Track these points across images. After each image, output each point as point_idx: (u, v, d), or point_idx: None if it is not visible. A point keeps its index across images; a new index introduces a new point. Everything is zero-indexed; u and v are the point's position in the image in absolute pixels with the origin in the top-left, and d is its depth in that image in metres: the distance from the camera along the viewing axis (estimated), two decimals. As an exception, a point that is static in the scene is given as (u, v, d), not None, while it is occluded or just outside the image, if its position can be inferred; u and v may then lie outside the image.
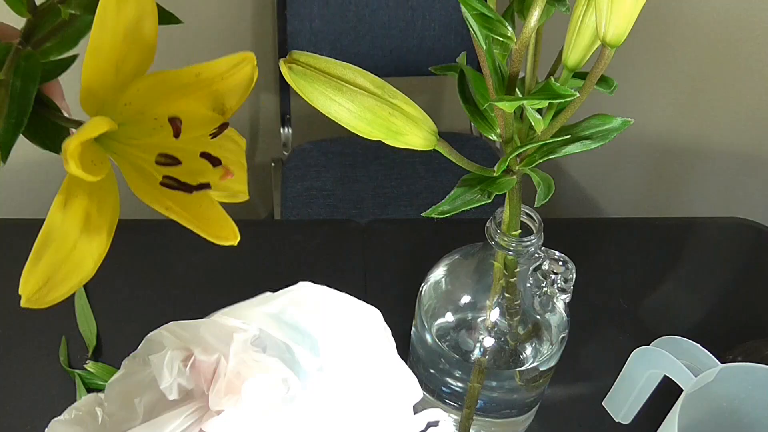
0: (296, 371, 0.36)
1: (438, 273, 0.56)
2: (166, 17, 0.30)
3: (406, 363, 0.62)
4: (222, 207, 0.34)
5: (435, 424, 0.38)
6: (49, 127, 0.30)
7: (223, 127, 0.32)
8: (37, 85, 0.28)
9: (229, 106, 0.33)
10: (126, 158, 0.30)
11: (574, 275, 0.51)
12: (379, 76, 0.37)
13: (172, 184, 0.31)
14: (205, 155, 0.32)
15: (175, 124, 0.30)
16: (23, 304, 0.26)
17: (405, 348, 0.61)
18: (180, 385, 0.35)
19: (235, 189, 0.34)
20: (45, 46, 0.30)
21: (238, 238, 0.32)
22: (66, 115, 0.31)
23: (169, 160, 0.31)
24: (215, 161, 0.32)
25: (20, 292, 0.26)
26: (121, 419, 0.36)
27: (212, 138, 0.32)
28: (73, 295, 0.50)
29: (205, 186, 0.31)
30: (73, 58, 0.32)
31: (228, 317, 0.36)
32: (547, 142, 0.40)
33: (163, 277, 0.73)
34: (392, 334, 0.42)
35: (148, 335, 0.37)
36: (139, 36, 0.27)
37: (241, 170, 0.35)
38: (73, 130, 0.29)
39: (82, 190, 0.27)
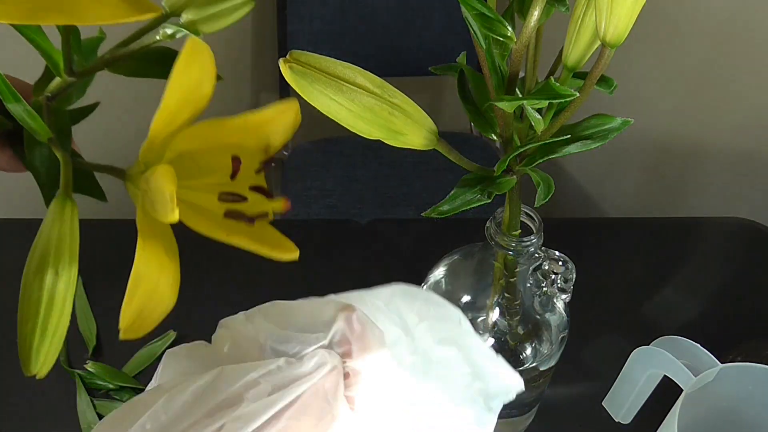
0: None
1: (438, 273, 0.56)
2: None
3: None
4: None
5: None
6: (78, 173, 0.34)
7: (270, 162, 0.36)
8: (71, 136, 0.33)
9: (274, 145, 0.36)
10: (183, 203, 0.33)
11: (574, 275, 0.51)
12: (379, 76, 0.37)
13: (236, 215, 0.34)
14: (255, 188, 0.36)
15: (236, 164, 0.34)
16: (122, 336, 0.30)
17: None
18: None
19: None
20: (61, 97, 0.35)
21: (298, 251, 0.35)
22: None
23: (234, 197, 0.34)
24: (267, 194, 0.36)
25: (120, 326, 0.30)
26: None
27: (257, 173, 0.36)
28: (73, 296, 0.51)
29: (264, 215, 0.35)
30: (96, 104, 0.37)
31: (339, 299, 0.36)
32: (547, 142, 0.40)
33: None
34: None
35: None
36: (199, 93, 0.31)
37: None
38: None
39: (153, 231, 0.31)
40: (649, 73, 1.36)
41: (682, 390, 0.51)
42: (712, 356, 0.53)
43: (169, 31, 0.34)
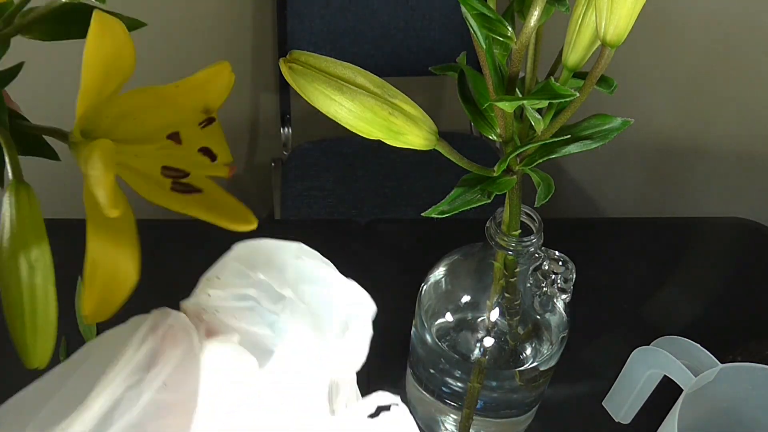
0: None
1: (438, 273, 0.56)
2: (132, 24, 0.32)
3: (407, 363, 0.62)
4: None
5: (386, 408, 0.36)
6: (15, 134, 0.32)
7: (211, 120, 0.34)
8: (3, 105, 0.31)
9: (213, 107, 0.35)
10: (130, 171, 0.32)
11: (574, 275, 0.51)
12: (379, 76, 0.37)
13: (182, 189, 0.33)
14: (202, 150, 0.34)
15: (175, 138, 0.33)
16: (88, 321, 0.30)
17: (405, 348, 0.61)
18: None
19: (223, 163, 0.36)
20: None
21: (256, 221, 0.34)
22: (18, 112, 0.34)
23: (175, 173, 0.33)
24: (213, 156, 0.34)
25: (84, 313, 0.30)
26: None
27: (202, 128, 0.34)
28: (73, 295, 0.51)
29: (212, 184, 0.34)
30: (20, 66, 0.34)
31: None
32: (547, 142, 0.40)
33: (163, 277, 0.73)
34: (392, 335, 0.42)
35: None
36: (120, 63, 0.30)
37: (222, 145, 0.37)
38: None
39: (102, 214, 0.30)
40: (649, 73, 1.36)
41: (682, 390, 0.51)
42: (712, 356, 0.53)
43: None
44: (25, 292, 0.31)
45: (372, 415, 0.35)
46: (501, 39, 0.38)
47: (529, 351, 0.55)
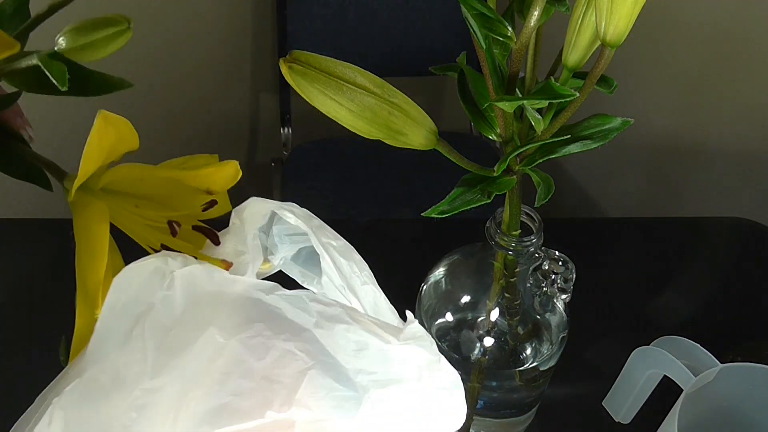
0: None
1: (438, 273, 0.56)
2: (117, 84, 0.33)
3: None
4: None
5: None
6: (14, 157, 0.33)
7: (213, 203, 0.36)
8: None
9: (215, 190, 0.36)
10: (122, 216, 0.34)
11: (574, 275, 0.51)
12: (379, 76, 0.37)
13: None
14: (197, 228, 0.36)
15: (173, 226, 0.35)
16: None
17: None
18: None
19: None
20: None
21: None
22: (30, 133, 0.35)
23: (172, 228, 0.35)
24: (211, 235, 0.36)
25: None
26: None
27: (204, 211, 0.36)
28: (72, 295, 0.51)
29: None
30: (18, 94, 0.34)
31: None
32: (547, 142, 0.40)
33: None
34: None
35: None
36: (121, 146, 0.31)
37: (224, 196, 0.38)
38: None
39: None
40: (649, 73, 1.36)
41: (682, 390, 0.51)
42: (712, 356, 0.53)
43: (35, 62, 0.32)
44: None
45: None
46: (501, 39, 0.38)
47: (529, 351, 0.55)
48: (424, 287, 0.56)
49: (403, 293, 0.65)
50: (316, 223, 0.38)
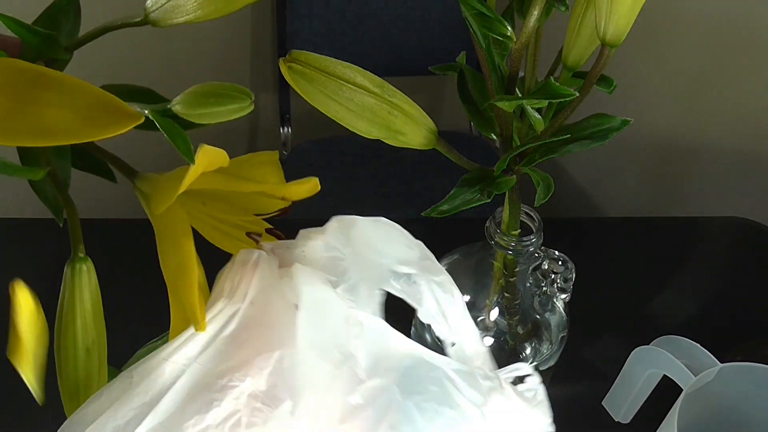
0: None
1: (438, 273, 0.56)
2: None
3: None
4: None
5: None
6: (79, 151, 0.33)
7: (287, 210, 0.39)
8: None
9: (292, 198, 0.39)
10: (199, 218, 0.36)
11: (574, 275, 0.51)
12: (379, 76, 0.37)
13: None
14: (271, 232, 0.39)
15: (253, 237, 0.37)
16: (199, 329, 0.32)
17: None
18: None
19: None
20: None
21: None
22: None
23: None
24: (279, 236, 0.39)
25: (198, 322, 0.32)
26: None
27: (278, 217, 0.38)
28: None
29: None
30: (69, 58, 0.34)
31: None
32: (547, 141, 0.40)
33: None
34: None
35: None
36: (216, 165, 0.32)
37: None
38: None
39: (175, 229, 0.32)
40: (649, 73, 1.36)
41: (682, 390, 0.51)
42: (712, 356, 0.53)
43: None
44: (81, 376, 0.32)
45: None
46: (500, 39, 0.38)
47: (528, 351, 0.55)
48: (424, 287, 0.56)
49: (403, 293, 0.65)
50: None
